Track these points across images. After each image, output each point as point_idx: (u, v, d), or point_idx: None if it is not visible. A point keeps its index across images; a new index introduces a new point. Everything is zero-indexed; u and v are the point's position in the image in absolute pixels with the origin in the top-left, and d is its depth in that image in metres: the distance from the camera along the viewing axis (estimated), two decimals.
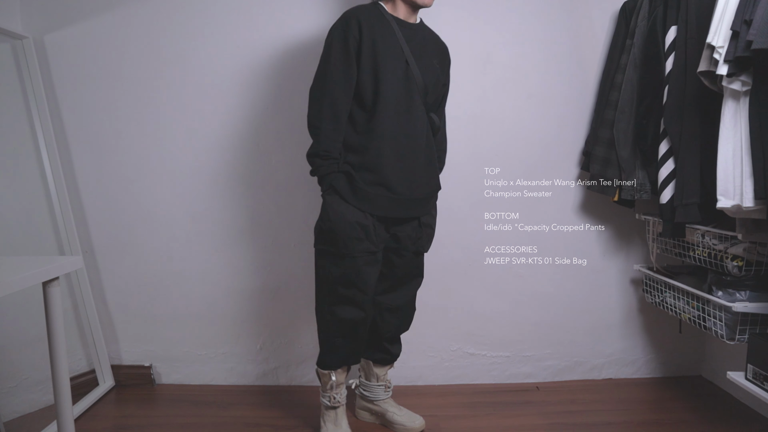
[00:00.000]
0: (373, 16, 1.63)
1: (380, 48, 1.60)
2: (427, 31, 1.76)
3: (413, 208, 1.72)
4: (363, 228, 1.64)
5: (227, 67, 2.09)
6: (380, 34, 1.61)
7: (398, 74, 1.62)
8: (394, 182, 1.65)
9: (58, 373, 1.33)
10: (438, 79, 1.72)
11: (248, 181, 2.16)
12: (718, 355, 2.21)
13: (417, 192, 1.70)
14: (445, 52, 1.79)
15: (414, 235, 1.75)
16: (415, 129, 1.66)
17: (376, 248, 1.68)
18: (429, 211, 1.79)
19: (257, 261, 2.20)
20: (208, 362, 2.25)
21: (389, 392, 1.91)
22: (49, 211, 2.08)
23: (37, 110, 2.03)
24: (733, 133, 1.47)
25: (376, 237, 1.67)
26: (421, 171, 1.70)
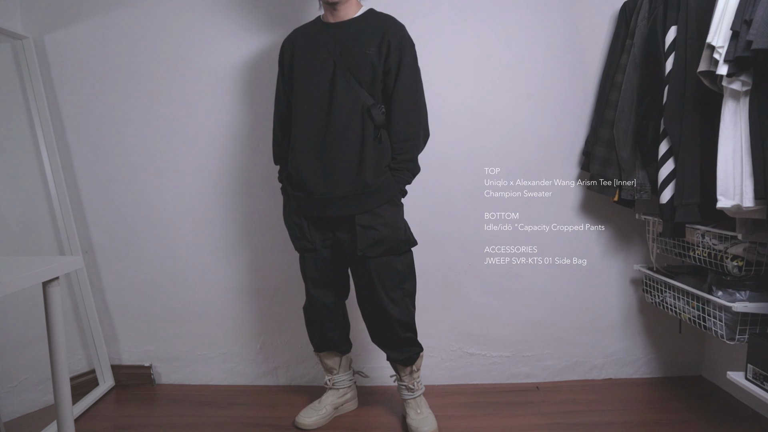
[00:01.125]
0: (303, 29, 1.78)
1: (297, 57, 1.73)
2: (369, 19, 1.71)
3: (334, 208, 1.71)
4: (299, 227, 1.79)
5: (227, 67, 2.10)
6: (301, 43, 1.73)
7: (320, 76, 1.67)
8: (309, 182, 1.71)
9: (58, 373, 1.33)
10: (374, 67, 1.65)
11: (248, 181, 2.16)
12: (718, 355, 2.21)
13: (336, 191, 1.68)
14: (386, 35, 1.66)
15: (353, 238, 1.71)
16: (336, 127, 1.66)
17: (313, 246, 1.79)
18: (367, 210, 1.69)
19: (257, 261, 2.20)
20: (208, 362, 2.25)
21: (412, 394, 1.90)
22: (49, 211, 2.08)
23: (37, 110, 2.03)
24: (733, 133, 1.47)
25: (312, 234, 1.78)
26: (342, 169, 1.67)
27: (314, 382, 2.25)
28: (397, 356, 1.86)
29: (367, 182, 1.67)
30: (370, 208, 1.69)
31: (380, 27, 1.69)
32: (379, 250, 1.71)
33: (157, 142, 2.13)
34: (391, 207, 1.73)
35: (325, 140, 1.68)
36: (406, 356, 1.85)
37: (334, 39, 1.68)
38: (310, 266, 1.83)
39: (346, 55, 1.67)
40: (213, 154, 2.14)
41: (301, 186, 1.73)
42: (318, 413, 1.91)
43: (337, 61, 1.66)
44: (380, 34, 1.67)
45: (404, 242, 1.76)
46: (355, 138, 1.66)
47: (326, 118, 1.67)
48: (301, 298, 2.18)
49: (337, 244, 1.78)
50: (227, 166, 2.15)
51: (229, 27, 2.08)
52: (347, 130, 1.66)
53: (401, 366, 1.88)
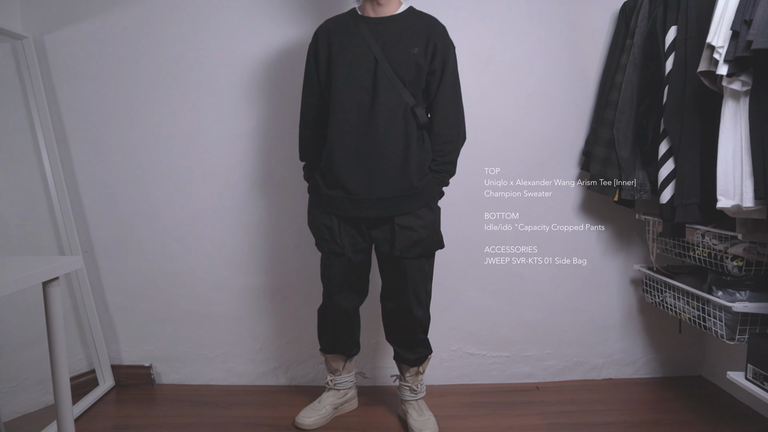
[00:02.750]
0: (339, 22, 1.71)
1: (336, 50, 1.66)
2: (412, 18, 1.69)
3: (376, 209, 1.68)
4: (328, 229, 1.73)
5: (227, 67, 2.09)
6: (339, 36, 1.67)
7: (361, 72, 1.62)
8: (350, 182, 1.66)
9: (58, 373, 1.33)
10: (419, 67, 1.64)
11: (248, 181, 2.16)
12: (718, 355, 2.21)
13: (380, 192, 1.66)
14: (432, 36, 1.66)
15: (389, 238, 1.70)
16: (379, 126, 1.62)
17: (342, 250, 1.73)
18: (408, 212, 1.69)
19: (257, 261, 2.20)
20: (208, 362, 2.25)
21: (415, 395, 1.90)
22: (49, 211, 2.08)
23: (37, 110, 2.03)
24: (733, 133, 1.47)
25: (342, 238, 1.72)
26: (386, 169, 1.64)
27: (314, 382, 2.25)
28: (410, 357, 1.87)
29: (413, 184, 1.66)
30: (412, 210, 1.69)
31: (425, 27, 1.67)
32: (415, 251, 1.70)
33: (157, 142, 2.13)
34: (429, 209, 1.73)
35: (368, 140, 1.63)
36: (417, 357, 1.87)
37: (375, 35, 1.64)
38: (336, 270, 1.77)
39: (389, 52, 1.63)
40: (213, 154, 2.14)
41: (340, 186, 1.68)
42: (318, 413, 1.90)
43: (378, 58, 1.61)
44: (425, 34, 1.65)
45: (437, 244, 1.77)
46: (400, 138, 1.64)
47: (369, 116, 1.62)
48: (301, 298, 2.20)
49: (368, 246, 1.76)
50: (227, 166, 2.14)
51: (229, 26, 2.08)
52: (391, 129, 1.63)
53: (408, 367, 1.89)
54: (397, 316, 1.83)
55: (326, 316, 1.88)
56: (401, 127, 1.64)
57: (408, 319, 1.80)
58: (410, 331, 1.83)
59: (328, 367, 1.96)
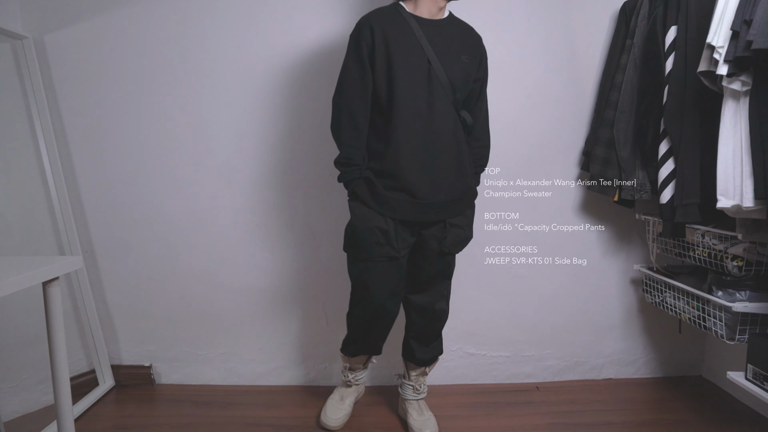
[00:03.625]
0: (389, 17, 1.63)
1: (395, 50, 1.58)
2: (456, 25, 1.69)
3: (437, 212, 1.68)
4: (383, 233, 1.66)
5: (228, 66, 2.09)
6: (395, 35, 1.59)
7: (418, 75, 1.59)
8: (415, 186, 1.63)
9: (58, 373, 1.33)
10: (468, 74, 1.66)
11: (249, 182, 2.15)
12: (718, 355, 2.21)
13: (441, 195, 1.66)
14: (477, 45, 1.71)
15: (439, 235, 1.71)
16: (437, 130, 1.62)
17: (397, 253, 1.68)
18: (459, 213, 1.73)
19: (257, 261, 2.20)
20: (208, 362, 2.25)
21: (418, 395, 1.91)
22: (49, 211, 2.08)
23: (37, 110, 2.03)
24: (733, 133, 1.47)
25: (398, 242, 1.68)
26: (446, 173, 1.65)
27: (314, 382, 2.25)
28: (425, 355, 1.87)
29: (470, 185, 1.73)
30: (463, 210, 1.75)
31: (470, 36, 1.72)
32: (460, 247, 1.78)
33: (157, 142, 2.13)
34: (472, 209, 1.80)
35: (429, 143, 1.62)
36: (431, 356, 1.89)
37: (429, 37, 1.62)
38: (391, 275, 1.71)
39: (442, 56, 1.61)
40: (213, 155, 2.14)
41: (403, 189, 1.64)
42: (344, 412, 1.92)
43: (432, 61, 1.60)
44: (472, 43, 1.70)
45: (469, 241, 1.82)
46: (455, 141, 1.66)
47: (429, 119, 1.61)
48: (302, 298, 2.20)
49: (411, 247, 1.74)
50: (228, 165, 2.14)
51: (229, 26, 2.08)
52: (448, 133, 1.64)
53: (417, 366, 1.89)
54: (429, 311, 1.82)
55: (371, 323, 1.79)
56: (453, 132, 1.66)
57: (440, 313, 1.84)
58: (437, 324, 1.86)
59: (351, 365, 1.96)
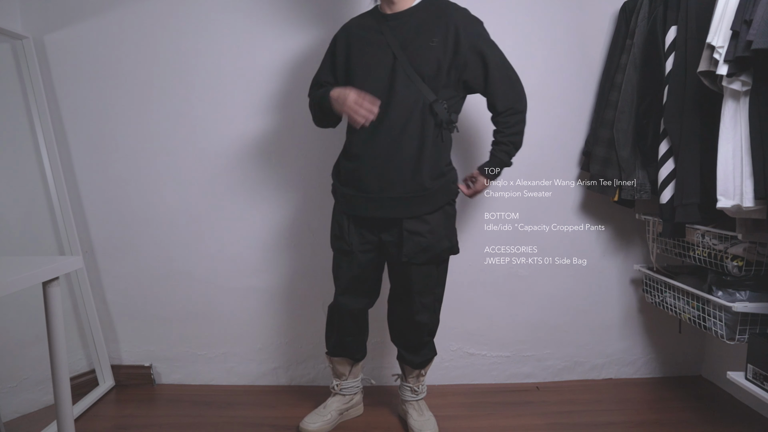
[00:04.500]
0: (359, 21, 1.71)
1: (355, 51, 1.66)
2: (426, 9, 1.64)
3: (385, 209, 1.64)
4: (339, 226, 1.74)
5: (227, 67, 2.09)
6: (359, 38, 1.67)
7: (379, 71, 1.60)
8: (364, 180, 1.64)
9: (58, 373, 1.33)
10: (441, 58, 1.59)
11: (248, 181, 2.15)
12: (718, 355, 2.21)
13: (391, 191, 1.63)
14: (449, 22, 1.60)
15: (397, 242, 1.66)
16: (393, 126, 1.59)
17: (349, 247, 1.71)
18: (417, 215, 1.65)
19: (257, 261, 2.20)
20: (208, 362, 2.25)
21: (416, 396, 1.90)
22: (49, 211, 2.08)
23: (37, 110, 2.03)
24: (733, 133, 1.47)
25: (350, 236, 1.71)
26: (399, 168, 1.61)
27: (314, 382, 2.25)
28: (415, 359, 1.85)
29: (424, 185, 1.62)
30: (421, 213, 1.65)
31: (442, 15, 1.62)
32: (424, 257, 1.67)
33: (157, 142, 2.13)
34: (443, 215, 1.70)
35: (383, 137, 1.60)
36: (423, 359, 1.86)
37: (393, 31, 1.62)
38: (344, 270, 1.76)
39: (408, 47, 1.60)
40: (213, 155, 2.14)
41: (353, 183, 1.67)
42: (323, 419, 1.87)
43: (397, 54, 1.59)
44: (444, 23, 1.61)
45: (448, 250, 1.74)
46: (414, 136, 1.60)
47: (384, 113, 1.58)
48: (301, 297, 2.20)
49: (379, 247, 1.74)
50: (227, 166, 2.14)
51: (228, 27, 2.08)
52: (406, 127, 1.59)
53: (412, 368, 1.88)
54: (402, 319, 1.82)
55: (333, 315, 1.86)
56: (417, 124, 1.60)
57: (413, 323, 1.78)
58: (416, 334, 1.82)
59: (334, 371, 1.94)
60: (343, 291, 1.79)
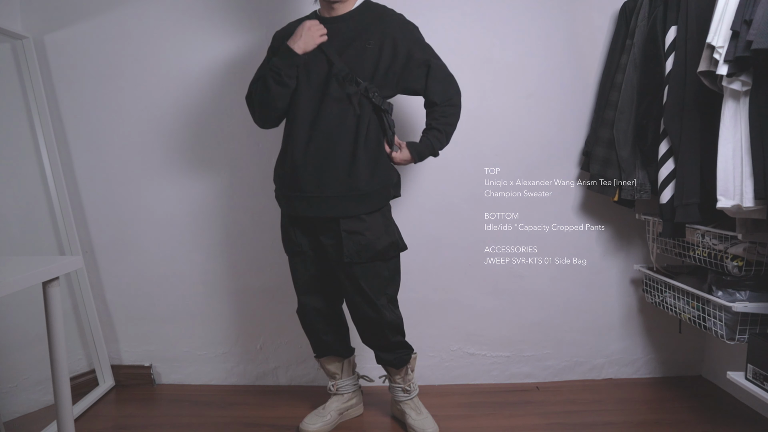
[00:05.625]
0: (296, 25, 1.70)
1: None
2: (361, 14, 1.68)
3: (321, 208, 1.65)
4: (285, 228, 1.79)
5: (227, 67, 2.09)
6: None
7: (314, 76, 1.63)
8: (302, 179, 1.65)
9: (58, 373, 1.33)
10: (375, 62, 1.62)
11: (248, 181, 2.16)
12: (718, 355, 2.21)
13: (326, 190, 1.63)
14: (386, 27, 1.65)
15: (336, 243, 1.66)
16: (329, 126, 1.61)
17: (299, 248, 1.75)
18: (353, 215, 1.64)
19: (257, 261, 2.20)
20: (208, 362, 2.25)
21: (408, 395, 1.89)
22: (49, 211, 2.08)
23: (37, 110, 2.03)
24: (733, 133, 1.47)
25: (297, 237, 1.75)
26: (335, 167, 1.62)
27: (314, 382, 2.25)
28: (389, 357, 1.83)
29: (359, 186, 1.63)
30: (358, 213, 1.65)
31: (379, 20, 1.66)
32: (366, 255, 1.66)
33: (157, 142, 2.13)
34: (380, 215, 1.69)
35: (319, 136, 1.62)
36: (397, 357, 1.83)
37: (331, 35, 1.64)
38: (299, 270, 1.79)
39: (344, 51, 1.63)
40: (213, 155, 2.14)
41: (291, 183, 1.68)
42: (322, 419, 1.87)
43: (333, 59, 1.62)
44: (380, 28, 1.65)
45: (392, 247, 1.72)
46: (348, 135, 1.62)
47: (318, 113, 1.61)
48: None
49: (321, 249, 1.74)
50: (227, 166, 2.15)
51: (228, 26, 2.08)
52: (340, 126, 1.61)
53: (393, 368, 1.87)
54: (363, 321, 1.78)
55: (302, 318, 1.87)
56: (351, 124, 1.62)
57: (375, 322, 1.75)
58: (380, 334, 1.78)
59: (326, 371, 1.93)
60: (304, 291, 1.81)
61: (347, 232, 1.65)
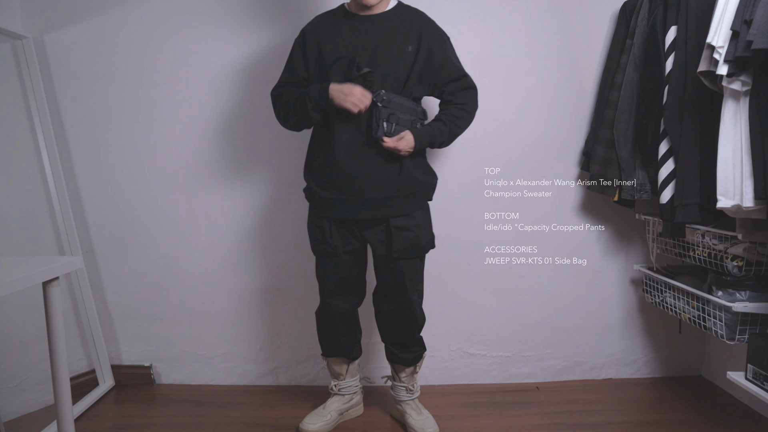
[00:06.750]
0: (328, 20, 1.70)
1: (326, 51, 1.66)
2: (398, 17, 1.67)
3: (368, 210, 1.66)
4: (320, 229, 1.74)
5: (227, 67, 2.10)
6: (331, 37, 1.66)
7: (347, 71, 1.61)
8: (343, 183, 1.65)
9: (58, 373, 1.33)
10: (412, 65, 1.64)
11: (248, 182, 2.16)
12: (718, 355, 2.21)
13: (371, 192, 1.65)
14: (425, 34, 1.66)
15: (385, 239, 1.69)
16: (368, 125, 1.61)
17: (333, 249, 1.72)
18: (402, 213, 1.69)
19: (257, 261, 2.20)
20: (208, 362, 2.25)
21: (411, 395, 1.90)
22: (49, 211, 2.08)
23: (37, 110, 2.03)
24: (733, 133, 1.47)
25: (333, 239, 1.72)
26: (377, 169, 1.64)
27: (314, 382, 2.25)
28: (407, 357, 1.86)
29: (410, 184, 1.67)
30: (407, 212, 1.69)
31: (415, 25, 1.67)
32: (412, 251, 1.71)
33: (157, 142, 2.13)
34: (422, 210, 1.75)
35: (358, 138, 1.62)
36: (414, 356, 1.87)
37: (367, 33, 1.63)
38: (330, 272, 1.77)
39: (380, 51, 1.62)
40: (213, 154, 2.14)
41: (334, 186, 1.67)
42: (323, 419, 1.87)
43: (371, 57, 1.60)
44: (416, 32, 1.66)
45: (430, 244, 1.78)
46: None
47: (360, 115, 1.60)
48: (301, 298, 2.19)
49: (362, 247, 1.75)
50: (227, 166, 2.14)
51: (229, 27, 2.08)
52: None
53: (404, 366, 1.88)
54: (395, 317, 1.81)
55: (323, 319, 1.86)
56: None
57: (408, 318, 1.80)
58: (409, 330, 1.83)
59: (331, 371, 1.93)
60: (331, 293, 1.80)
61: (397, 228, 1.68)
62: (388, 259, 1.71)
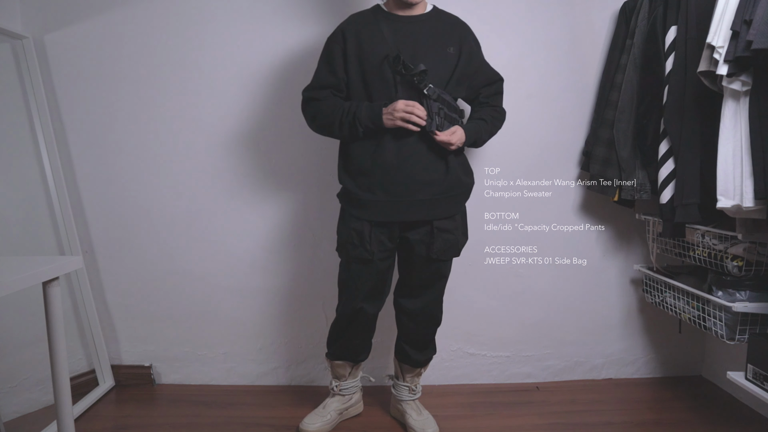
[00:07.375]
0: (363, 20, 1.67)
1: (367, 51, 1.63)
2: (437, 19, 1.69)
3: (415, 212, 1.66)
4: (358, 234, 1.68)
5: (227, 67, 2.09)
6: (370, 37, 1.64)
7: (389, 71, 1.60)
8: (389, 185, 1.63)
9: (58, 373, 1.33)
10: (453, 67, 1.65)
11: (248, 181, 2.15)
12: (718, 355, 2.21)
13: (418, 194, 1.64)
14: (463, 37, 1.69)
15: (426, 240, 1.69)
16: None
17: (370, 256, 1.69)
18: (446, 215, 1.69)
19: (257, 261, 2.20)
20: (208, 362, 2.25)
21: (413, 395, 1.91)
22: (49, 211, 2.08)
23: (37, 110, 2.03)
24: (733, 133, 1.47)
25: (372, 244, 1.68)
26: (422, 171, 1.63)
27: (314, 382, 2.25)
28: (420, 357, 1.87)
29: (455, 185, 1.68)
30: (451, 213, 1.70)
31: (455, 29, 1.70)
32: (449, 253, 1.74)
33: (157, 142, 2.13)
34: (461, 215, 1.78)
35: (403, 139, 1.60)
36: (426, 357, 1.89)
37: (407, 34, 1.63)
38: (364, 278, 1.73)
39: (422, 51, 1.61)
40: (213, 154, 2.14)
41: (379, 187, 1.64)
42: (322, 419, 1.87)
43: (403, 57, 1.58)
44: (457, 36, 1.69)
45: (463, 246, 1.80)
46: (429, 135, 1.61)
47: None
48: (301, 298, 2.20)
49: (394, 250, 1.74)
50: (227, 166, 2.14)
51: (229, 26, 2.08)
52: None
53: (413, 367, 1.88)
54: (420, 314, 1.81)
55: (347, 323, 1.81)
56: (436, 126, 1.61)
57: (431, 318, 1.83)
58: (429, 332, 1.86)
59: (334, 372, 1.93)
60: (365, 298, 1.76)
61: (439, 230, 1.69)
62: (427, 260, 1.71)
